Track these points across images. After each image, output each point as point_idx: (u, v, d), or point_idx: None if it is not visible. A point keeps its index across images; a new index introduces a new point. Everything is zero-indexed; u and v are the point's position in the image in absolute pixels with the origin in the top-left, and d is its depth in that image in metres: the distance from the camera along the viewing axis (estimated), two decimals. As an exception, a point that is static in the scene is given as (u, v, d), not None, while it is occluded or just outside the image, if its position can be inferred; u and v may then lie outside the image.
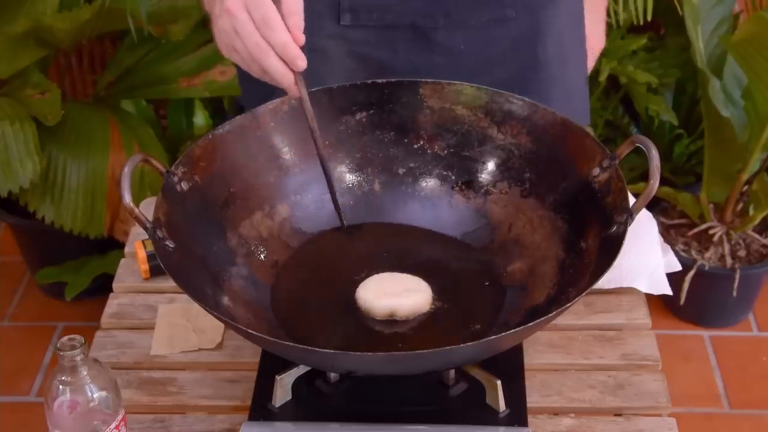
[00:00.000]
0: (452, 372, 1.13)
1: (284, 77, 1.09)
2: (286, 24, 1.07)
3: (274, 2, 1.07)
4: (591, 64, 1.47)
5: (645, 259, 1.30)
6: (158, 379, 1.21)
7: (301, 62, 1.08)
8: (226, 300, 1.13)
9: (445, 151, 1.27)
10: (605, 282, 1.26)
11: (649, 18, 1.88)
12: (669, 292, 1.31)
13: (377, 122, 1.27)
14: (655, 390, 1.17)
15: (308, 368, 1.12)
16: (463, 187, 1.27)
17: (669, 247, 1.35)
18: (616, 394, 1.17)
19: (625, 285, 1.29)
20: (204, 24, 2.20)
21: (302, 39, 1.08)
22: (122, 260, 1.40)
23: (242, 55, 1.09)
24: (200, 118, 2.31)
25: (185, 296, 1.04)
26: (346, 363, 1.05)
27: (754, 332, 2.34)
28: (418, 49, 1.32)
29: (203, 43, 2.26)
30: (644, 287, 1.30)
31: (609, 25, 2.17)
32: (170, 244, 1.08)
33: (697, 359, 2.27)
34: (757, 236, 2.26)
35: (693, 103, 2.41)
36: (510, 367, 1.15)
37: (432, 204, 1.27)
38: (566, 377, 1.20)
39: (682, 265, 1.60)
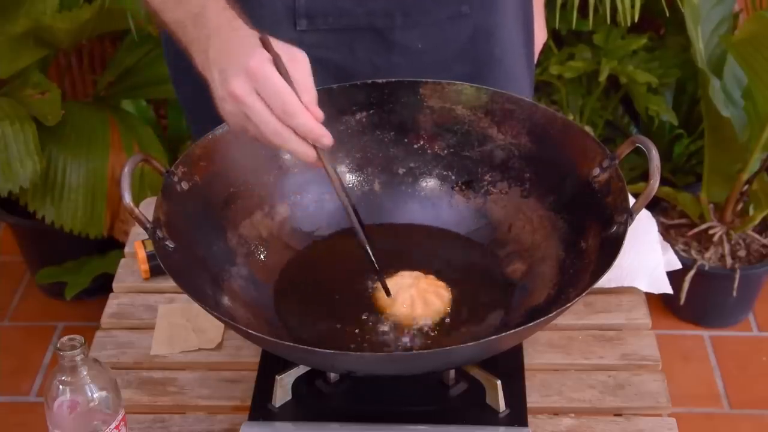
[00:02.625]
0: (452, 372, 1.13)
1: (307, 156, 1.03)
2: (306, 99, 1.01)
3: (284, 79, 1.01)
4: (535, 57, 1.48)
5: (645, 258, 1.30)
6: (158, 379, 1.21)
7: (327, 140, 1.02)
8: (226, 300, 1.13)
9: (445, 151, 1.27)
10: (605, 281, 1.26)
11: (636, 19, 1.88)
12: (669, 290, 1.31)
13: (377, 122, 1.27)
14: (655, 390, 1.17)
15: (308, 368, 1.12)
16: (463, 187, 1.27)
17: (669, 245, 1.35)
18: (616, 394, 1.17)
19: (625, 284, 1.29)
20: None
21: (321, 115, 1.02)
22: (122, 260, 1.40)
23: (257, 137, 1.04)
24: (200, 118, 2.31)
25: (185, 296, 1.04)
26: (346, 363, 1.05)
27: (754, 332, 2.34)
28: (377, 50, 1.31)
29: (203, 43, 2.25)
30: (644, 286, 1.30)
31: (609, 25, 2.17)
32: (170, 244, 1.08)
33: (697, 359, 2.27)
34: (757, 236, 2.26)
35: (693, 103, 2.41)
36: (510, 367, 1.15)
37: (432, 204, 1.27)
38: (566, 377, 1.20)
39: (682, 265, 1.60)
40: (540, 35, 1.50)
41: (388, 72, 1.29)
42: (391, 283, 1.16)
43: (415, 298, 1.14)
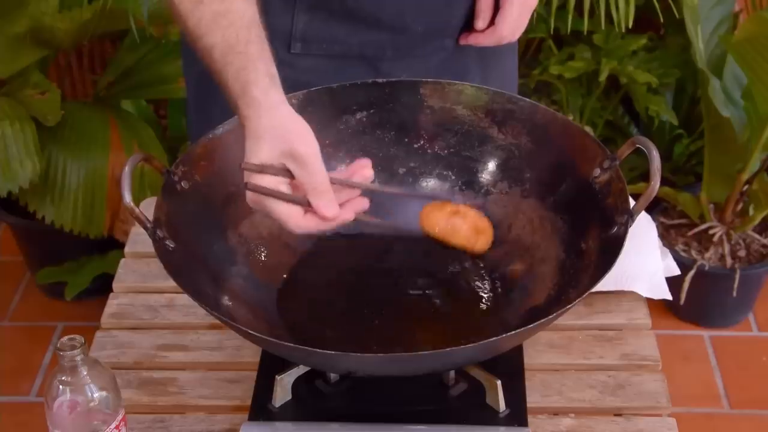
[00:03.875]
0: (452, 372, 1.13)
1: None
2: (315, 203, 1.03)
3: (298, 165, 1.02)
4: (525, 20, 1.35)
5: (644, 262, 1.30)
6: (158, 379, 1.21)
7: (338, 221, 1.05)
8: (226, 300, 1.13)
9: (446, 151, 1.27)
10: (605, 284, 1.25)
11: (630, 24, 1.89)
12: (669, 296, 1.30)
13: (377, 122, 1.27)
14: (655, 390, 1.17)
15: (308, 368, 1.12)
16: (463, 187, 1.27)
17: (668, 251, 1.35)
18: (616, 394, 1.17)
19: (625, 288, 1.29)
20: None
21: (333, 215, 1.04)
22: (122, 260, 1.40)
23: None
24: (200, 118, 2.31)
25: (185, 296, 1.04)
26: (346, 363, 1.05)
27: (754, 332, 2.34)
28: (363, 78, 1.31)
29: (203, 43, 2.25)
30: (644, 291, 1.30)
31: (609, 25, 2.17)
32: (170, 243, 1.08)
33: (697, 359, 2.27)
34: (757, 236, 2.26)
35: (693, 103, 2.41)
36: (510, 367, 1.15)
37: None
38: (566, 377, 1.20)
39: (683, 265, 1.60)
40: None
41: None
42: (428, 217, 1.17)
43: (464, 225, 1.16)
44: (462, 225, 1.15)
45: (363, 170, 1.08)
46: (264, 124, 1.03)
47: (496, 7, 1.32)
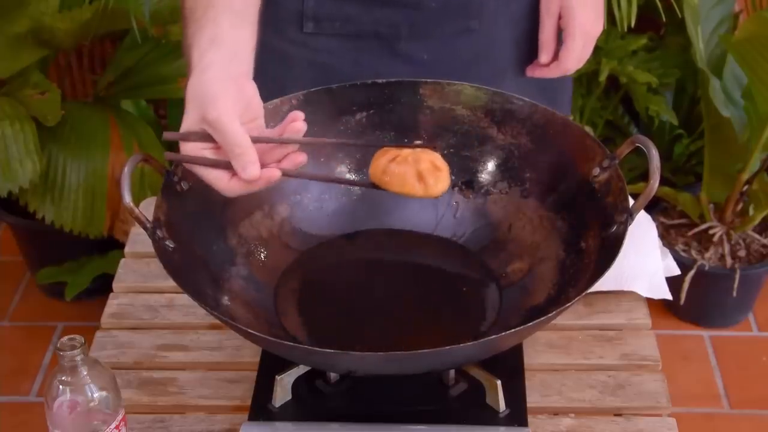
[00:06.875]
0: (452, 372, 1.13)
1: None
2: (235, 166, 0.99)
3: (212, 129, 0.99)
4: (588, 50, 1.37)
5: (644, 262, 1.30)
6: (158, 379, 1.21)
7: (266, 175, 1.01)
8: (226, 300, 1.13)
9: (445, 151, 1.27)
10: (605, 284, 1.26)
11: (632, 24, 1.88)
12: (669, 296, 1.30)
13: (377, 122, 1.27)
14: (655, 390, 1.17)
15: (308, 368, 1.12)
16: (463, 187, 1.27)
17: (668, 251, 1.35)
18: (616, 394, 1.17)
19: (625, 288, 1.29)
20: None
21: (251, 177, 1.00)
22: (122, 260, 1.40)
23: None
24: (200, 118, 2.31)
25: (185, 296, 1.04)
26: (346, 363, 1.05)
27: (754, 332, 2.34)
28: (381, 60, 1.31)
29: (203, 43, 2.25)
30: (644, 291, 1.30)
31: (608, 24, 2.17)
32: (170, 244, 1.08)
33: (697, 359, 2.27)
34: (757, 236, 2.26)
35: (693, 103, 2.41)
36: (510, 367, 1.15)
37: (432, 204, 1.27)
38: (566, 377, 1.20)
39: (683, 265, 1.60)
40: (594, 28, 1.34)
41: None
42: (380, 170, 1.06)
43: (424, 171, 1.04)
44: (403, 171, 1.04)
45: (294, 124, 1.03)
46: (190, 88, 1.00)
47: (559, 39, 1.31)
